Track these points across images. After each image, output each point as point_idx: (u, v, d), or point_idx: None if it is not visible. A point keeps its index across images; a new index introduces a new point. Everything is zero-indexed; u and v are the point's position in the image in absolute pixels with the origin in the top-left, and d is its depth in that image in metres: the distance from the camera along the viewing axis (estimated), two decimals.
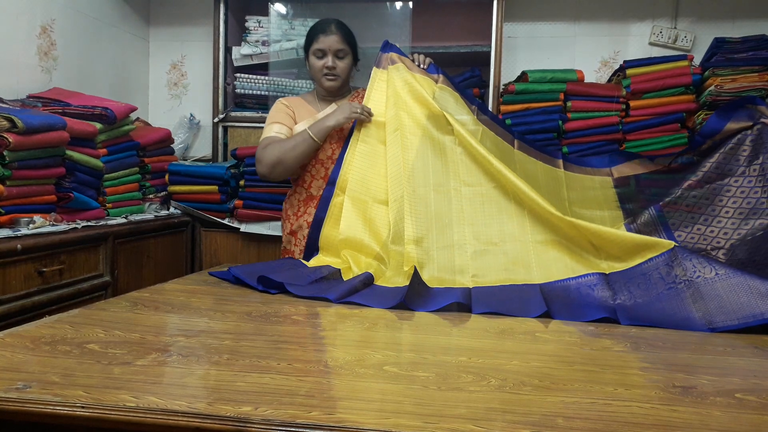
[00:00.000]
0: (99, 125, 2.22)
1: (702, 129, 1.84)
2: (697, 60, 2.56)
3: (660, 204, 1.77)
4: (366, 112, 1.92)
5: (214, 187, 2.60)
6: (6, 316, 1.67)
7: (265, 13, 2.92)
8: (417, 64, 2.00)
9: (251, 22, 2.90)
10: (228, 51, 2.93)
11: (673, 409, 0.88)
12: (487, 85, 2.72)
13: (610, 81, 2.74)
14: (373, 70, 2.01)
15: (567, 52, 3.03)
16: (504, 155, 1.88)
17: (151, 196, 2.64)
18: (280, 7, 2.98)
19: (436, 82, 1.98)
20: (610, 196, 1.87)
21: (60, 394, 0.84)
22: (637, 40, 2.99)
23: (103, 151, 2.28)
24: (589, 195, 1.89)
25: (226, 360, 1.03)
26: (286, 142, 1.97)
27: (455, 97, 1.97)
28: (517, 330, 1.33)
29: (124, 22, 3.04)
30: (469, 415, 0.83)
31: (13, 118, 1.81)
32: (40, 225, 1.87)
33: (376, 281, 1.67)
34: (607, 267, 1.62)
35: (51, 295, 1.85)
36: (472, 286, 1.64)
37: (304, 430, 0.78)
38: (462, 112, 1.94)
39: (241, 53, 2.90)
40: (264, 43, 2.89)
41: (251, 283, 1.63)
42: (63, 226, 1.94)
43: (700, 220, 1.73)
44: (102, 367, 0.97)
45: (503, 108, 2.53)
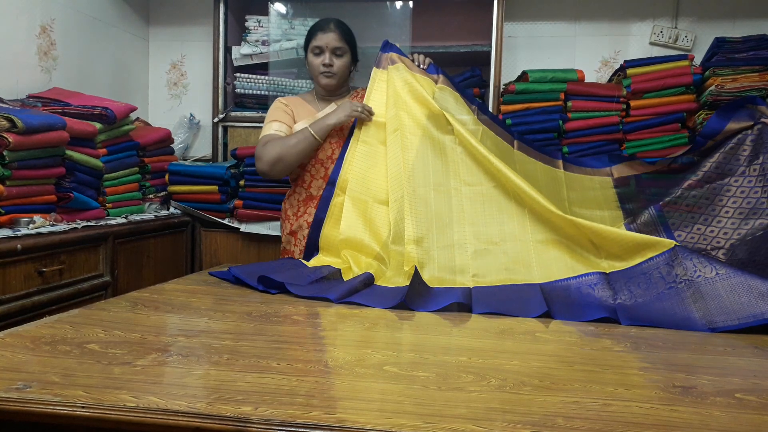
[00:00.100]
0: (99, 125, 2.22)
1: (703, 129, 1.84)
2: (697, 60, 2.56)
3: (660, 204, 1.77)
4: (366, 110, 1.92)
5: (214, 187, 2.60)
6: (6, 316, 1.67)
7: (265, 12, 2.92)
8: (417, 65, 2.00)
9: (251, 22, 2.90)
10: (228, 51, 2.93)
11: (673, 409, 0.88)
12: (488, 85, 2.72)
13: (610, 81, 2.74)
14: (373, 70, 2.01)
15: (567, 51, 3.03)
16: (504, 155, 1.88)
17: (151, 196, 2.64)
18: (280, 7, 2.98)
19: (436, 83, 1.97)
20: (609, 196, 1.87)
21: (60, 394, 0.84)
22: (637, 40, 2.99)
23: (103, 151, 2.28)
24: (588, 195, 1.89)
25: (226, 360, 1.03)
26: (286, 139, 1.97)
27: (455, 96, 1.97)
28: (517, 330, 1.33)
29: (123, 22, 3.04)
30: (469, 415, 0.83)
31: (12, 117, 1.81)
32: (40, 225, 1.87)
33: (376, 281, 1.67)
34: (607, 266, 1.62)
35: (51, 295, 1.85)
36: (473, 285, 1.64)
37: (304, 430, 0.78)
38: (462, 112, 1.94)
39: (241, 53, 2.90)
40: (264, 42, 2.89)
41: (251, 283, 1.63)
42: (63, 226, 1.94)
43: (700, 219, 1.73)
44: (102, 367, 0.97)
45: (503, 108, 2.53)
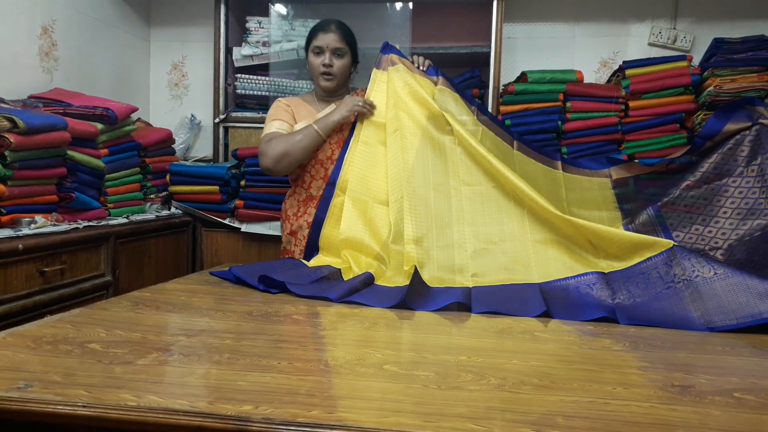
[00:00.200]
0: (100, 125, 2.22)
1: (701, 131, 1.85)
2: (696, 60, 2.56)
3: (658, 204, 1.78)
4: (368, 105, 1.93)
5: (215, 188, 2.60)
6: (7, 316, 1.68)
7: (265, 13, 2.93)
8: (416, 66, 2.01)
9: (252, 23, 2.90)
10: (229, 51, 2.94)
11: (671, 409, 0.89)
12: (487, 86, 2.73)
13: (609, 81, 2.74)
14: (373, 72, 2.01)
15: (566, 52, 3.03)
16: (504, 156, 1.89)
17: (152, 196, 2.65)
18: (280, 8, 2.98)
19: (436, 84, 1.98)
20: (608, 197, 1.88)
21: (61, 394, 0.85)
22: (636, 41, 2.99)
23: (105, 151, 2.28)
24: (587, 196, 1.89)
25: (227, 359, 1.04)
26: (291, 135, 1.98)
27: (455, 97, 1.97)
28: (516, 329, 1.33)
29: (124, 23, 3.05)
30: (468, 414, 0.84)
31: (14, 118, 1.82)
32: (42, 225, 1.88)
33: (376, 281, 1.67)
34: (606, 266, 1.63)
35: (52, 295, 1.85)
36: (472, 285, 1.65)
37: (304, 429, 0.78)
38: (462, 113, 1.94)
39: (241, 54, 2.91)
40: (264, 43, 2.89)
41: (252, 283, 1.63)
42: (64, 226, 1.95)
43: (698, 220, 1.73)
44: (103, 367, 0.97)
45: (503, 108, 2.54)
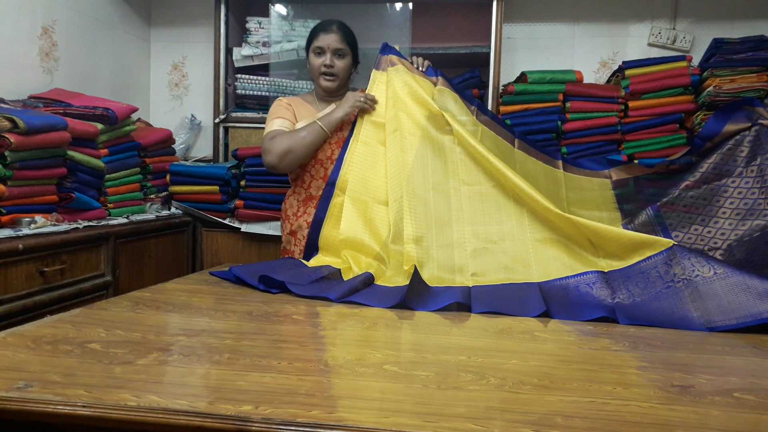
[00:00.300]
0: (100, 126, 2.22)
1: (701, 132, 1.85)
2: (695, 61, 2.57)
3: (657, 204, 1.78)
4: (369, 100, 1.94)
5: (215, 188, 2.60)
6: (7, 316, 1.68)
7: (265, 14, 2.93)
8: (416, 67, 2.01)
9: (252, 23, 2.90)
10: (229, 52, 2.94)
11: (671, 409, 0.89)
12: (487, 86, 2.73)
13: (609, 82, 2.75)
14: (372, 72, 2.02)
15: (566, 52, 3.04)
16: (504, 155, 1.89)
17: (152, 197, 2.65)
18: (280, 8, 2.98)
19: (435, 85, 1.98)
20: (608, 198, 1.88)
21: (61, 394, 0.85)
22: (635, 41, 2.99)
23: (105, 151, 2.29)
24: (587, 196, 1.90)
25: (227, 359, 1.04)
26: (294, 132, 1.98)
27: (454, 97, 1.97)
28: (516, 329, 1.33)
29: (125, 23, 3.05)
30: (468, 414, 0.84)
31: (14, 118, 1.82)
32: (42, 225, 1.88)
33: (376, 281, 1.67)
34: (605, 265, 1.63)
35: (52, 295, 1.85)
36: (472, 285, 1.65)
37: (304, 429, 0.78)
38: (461, 113, 1.94)
39: (241, 54, 2.91)
40: (265, 44, 2.89)
41: (252, 283, 1.63)
42: (64, 226, 1.95)
43: (697, 220, 1.73)
44: (103, 367, 0.97)
45: (502, 109, 2.54)
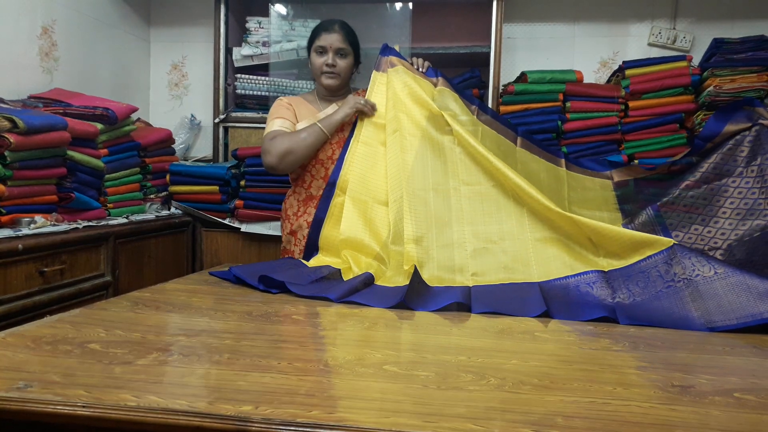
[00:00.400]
0: (100, 126, 2.22)
1: (701, 132, 1.85)
2: (696, 60, 2.56)
3: (657, 204, 1.78)
4: (369, 105, 1.94)
5: (215, 188, 2.60)
6: (7, 316, 1.67)
7: (265, 14, 2.93)
8: (416, 68, 2.02)
9: (252, 23, 2.90)
10: (228, 52, 2.93)
11: (671, 409, 0.89)
12: (487, 86, 2.73)
13: (609, 81, 2.75)
14: (372, 73, 2.02)
15: (566, 52, 3.03)
16: (506, 154, 1.89)
17: (152, 197, 2.65)
18: (280, 8, 2.98)
19: (435, 85, 1.98)
20: (609, 198, 1.88)
21: (61, 394, 0.85)
22: (636, 41, 2.99)
23: (104, 151, 2.28)
24: (589, 196, 1.90)
25: (227, 359, 1.04)
26: (295, 133, 1.98)
27: (454, 98, 1.97)
28: (516, 329, 1.33)
29: (124, 23, 3.05)
30: (468, 415, 0.84)
31: (14, 118, 1.82)
32: (42, 225, 1.88)
33: (376, 281, 1.67)
34: (606, 264, 1.63)
35: (52, 295, 1.85)
36: (472, 284, 1.65)
37: (304, 429, 0.78)
38: (461, 113, 1.94)
39: (241, 54, 2.91)
40: (264, 43, 2.89)
41: (252, 283, 1.63)
42: (64, 226, 1.95)
43: (697, 220, 1.73)
44: (103, 367, 0.97)
45: (503, 108, 2.54)
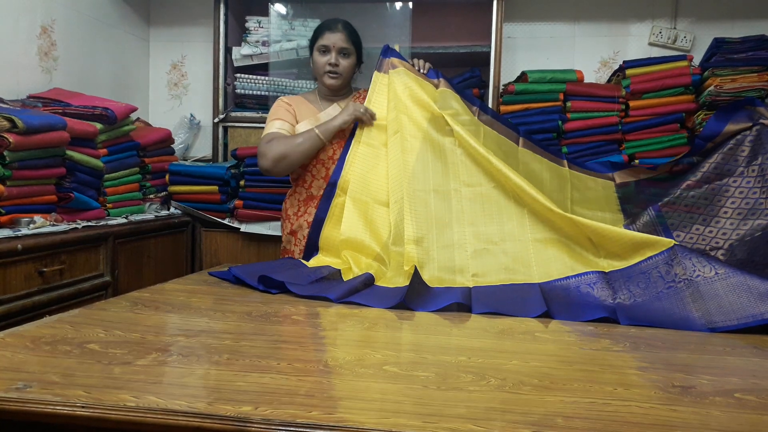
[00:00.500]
0: (99, 125, 2.22)
1: (702, 132, 1.84)
2: (696, 60, 2.56)
3: (659, 204, 1.77)
4: (369, 114, 1.93)
5: (215, 188, 2.60)
6: (6, 316, 1.67)
7: (265, 13, 2.93)
8: (417, 69, 2.02)
9: (251, 23, 2.90)
10: (228, 51, 2.93)
11: (672, 409, 0.89)
12: (487, 86, 2.73)
13: (609, 81, 2.74)
14: (374, 74, 2.01)
15: (566, 52, 3.03)
16: (507, 154, 1.89)
17: (151, 197, 2.64)
18: (280, 8, 2.98)
19: (437, 87, 1.98)
20: (611, 199, 1.88)
21: (60, 394, 0.85)
22: (636, 41, 2.99)
23: (104, 151, 2.28)
24: (591, 196, 1.90)
25: (227, 360, 1.04)
26: (291, 138, 1.97)
27: (456, 99, 1.97)
28: (516, 330, 1.33)
29: (124, 23, 3.04)
30: (468, 415, 0.83)
31: (13, 118, 1.81)
32: (41, 225, 1.88)
33: (376, 282, 1.67)
34: (606, 265, 1.62)
35: (51, 295, 1.85)
36: (472, 285, 1.65)
37: (304, 430, 0.78)
38: (462, 114, 1.94)
39: (241, 53, 2.90)
40: (264, 43, 2.89)
41: (252, 283, 1.63)
42: (63, 226, 1.94)
43: (698, 220, 1.73)
44: (102, 367, 0.97)
45: (503, 108, 2.54)
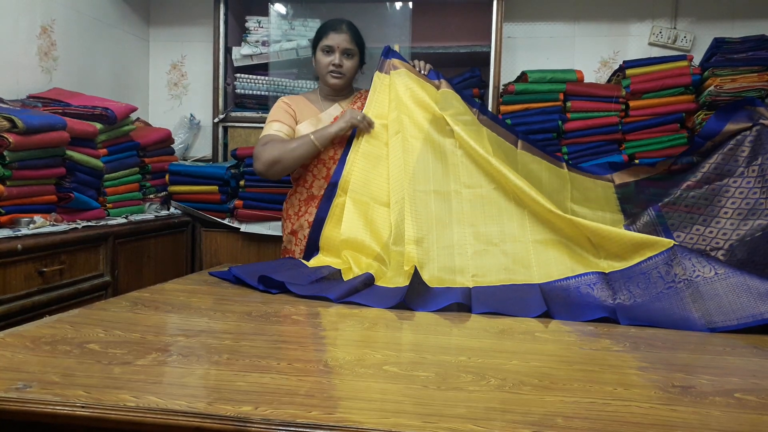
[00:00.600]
0: (99, 125, 2.22)
1: (701, 130, 1.85)
2: (696, 60, 2.56)
3: (659, 205, 1.78)
4: (366, 121, 1.92)
5: (215, 187, 2.60)
6: (6, 316, 1.67)
7: (265, 13, 2.93)
8: (418, 70, 2.02)
9: (251, 23, 2.90)
10: (228, 51, 2.93)
11: (672, 409, 0.89)
12: (487, 86, 2.73)
13: (609, 81, 2.74)
14: (375, 75, 2.02)
15: (566, 52, 3.03)
16: (506, 156, 1.89)
17: (151, 196, 2.64)
18: (280, 8, 2.98)
19: (438, 88, 1.98)
20: (611, 199, 1.88)
21: (60, 394, 0.85)
22: (636, 41, 2.99)
23: (104, 151, 2.28)
24: (591, 195, 1.90)
25: (226, 360, 1.04)
26: (287, 142, 1.97)
27: (457, 99, 1.97)
28: (516, 330, 1.33)
29: (124, 23, 3.04)
30: (468, 415, 0.83)
31: (13, 118, 1.81)
32: (41, 225, 1.88)
33: (376, 282, 1.67)
34: (606, 266, 1.63)
35: (51, 295, 1.85)
36: (472, 285, 1.65)
37: (304, 430, 0.78)
38: (463, 115, 1.94)
39: (241, 53, 2.90)
40: (264, 43, 2.89)
41: (252, 283, 1.63)
42: (63, 226, 1.94)
43: (699, 220, 1.73)
44: (102, 367, 0.97)
45: (503, 108, 2.54)
